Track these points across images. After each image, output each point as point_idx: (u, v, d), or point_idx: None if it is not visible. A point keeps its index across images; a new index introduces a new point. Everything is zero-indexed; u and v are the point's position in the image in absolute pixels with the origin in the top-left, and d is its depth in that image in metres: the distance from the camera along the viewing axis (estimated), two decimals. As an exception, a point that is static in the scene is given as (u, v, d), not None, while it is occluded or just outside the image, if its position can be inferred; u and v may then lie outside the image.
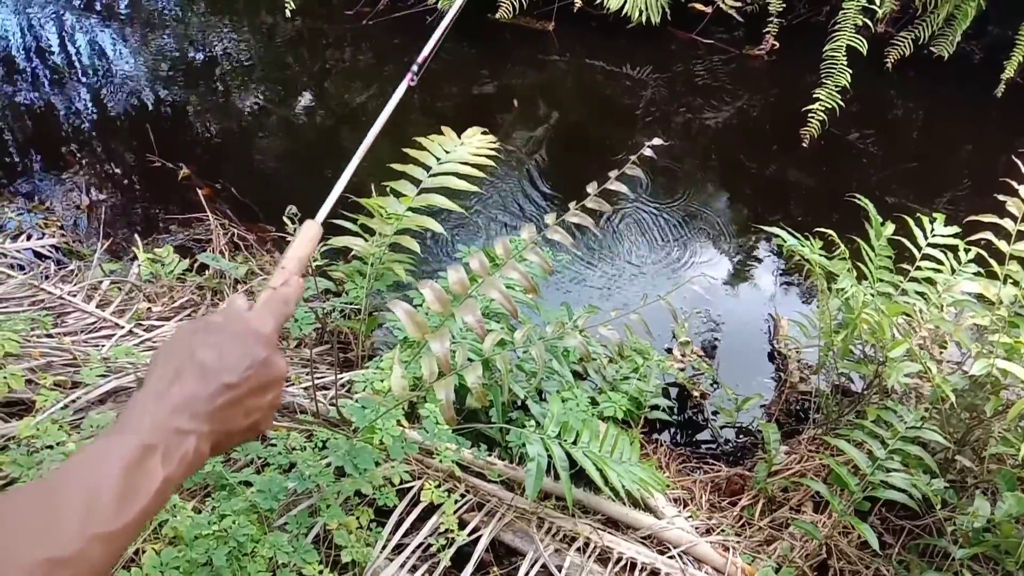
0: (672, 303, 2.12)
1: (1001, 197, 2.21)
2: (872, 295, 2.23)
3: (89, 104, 4.83)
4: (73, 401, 1.95)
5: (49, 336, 2.31)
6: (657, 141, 1.73)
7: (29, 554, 0.47)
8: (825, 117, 4.03)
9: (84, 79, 5.04)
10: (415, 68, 1.33)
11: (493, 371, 1.91)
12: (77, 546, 0.49)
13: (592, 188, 1.75)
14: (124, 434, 0.57)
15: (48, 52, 5.27)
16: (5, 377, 1.88)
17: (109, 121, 4.72)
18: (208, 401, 0.62)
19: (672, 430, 2.83)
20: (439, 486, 2.02)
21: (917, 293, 2.46)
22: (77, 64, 5.17)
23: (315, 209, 2.22)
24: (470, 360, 1.64)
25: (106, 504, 0.52)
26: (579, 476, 2.10)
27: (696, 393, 2.88)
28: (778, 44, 4.69)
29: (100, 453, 0.55)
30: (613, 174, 1.75)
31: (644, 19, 4.65)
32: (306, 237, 0.86)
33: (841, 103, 4.05)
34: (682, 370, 2.89)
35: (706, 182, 4.25)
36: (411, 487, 2.03)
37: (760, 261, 3.81)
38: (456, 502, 2.02)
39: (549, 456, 1.99)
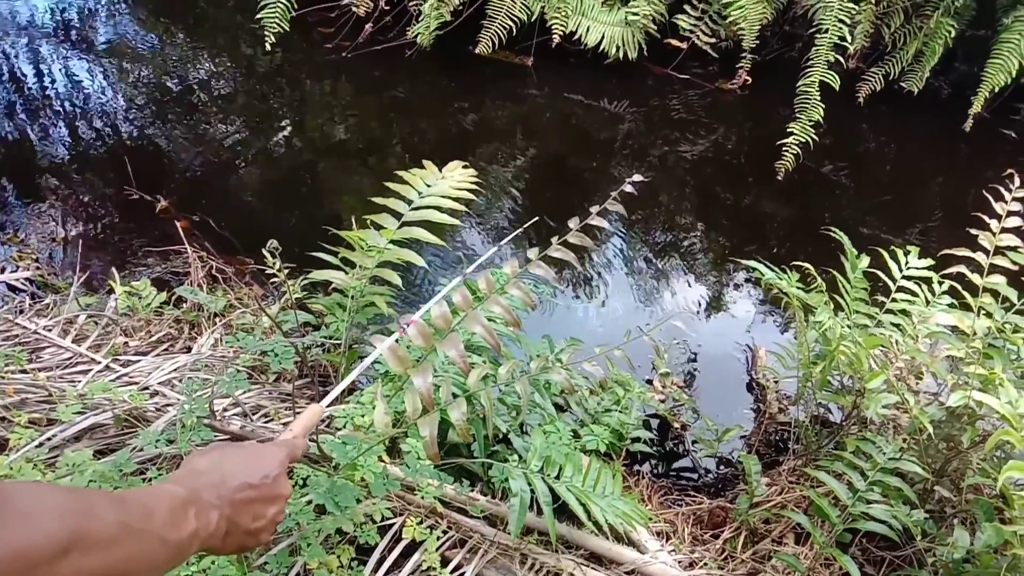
0: (653, 336, 2.13)
1: (973, 231, 2.25)
2: (849, 327, 2.26)
3: (65, 135, 4.80)
4: (49, 439, 1.91)
5: (24, 372, 2.27)
6: (638, 178, 1.75)
7: (112, 516, 0.58)
8: (799, 150, 4.11)
9: (60, 110, 5.01)
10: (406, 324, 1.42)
11: (476, 406, 1.90)
12: (138, 533, 0.60)
13: (574, 223, 1.76)
14: (174, 484, 0.72)
15: (23, 82, 5.24)
16: (-22, 415, 1.84)
17: (85, 152, 4.70)
18: (232, 491, 0.76)
19: (653, 462, 2.83)
20: (421, 522, 2.00)
21: (893, 324, 2.50)
22: (52, 95, 5.15)
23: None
24: (454, 396, 1.64)
25: (158, 519, 0.63)
26: (561, 510, 2.09)
27: (677, 424, 2.88)
28: (750, 79, 4.78)
29: (157, 491, 0.68)
30: (594, 210, 1.77)
31: (621, 55, 4.73)
32: (312, 414, 1.05)
33: (815, 137, 4.12)
34: (663, 401, 2.90)
35: (682, 214, 4.30)
36: (392, 524, 2.01)
37: (737, 292, 3.85)
38: (438, 538, 2.00)
39: (532, 491, 1.98)
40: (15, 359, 2.25)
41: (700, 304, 3.74)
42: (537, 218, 2.67)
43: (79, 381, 2.33)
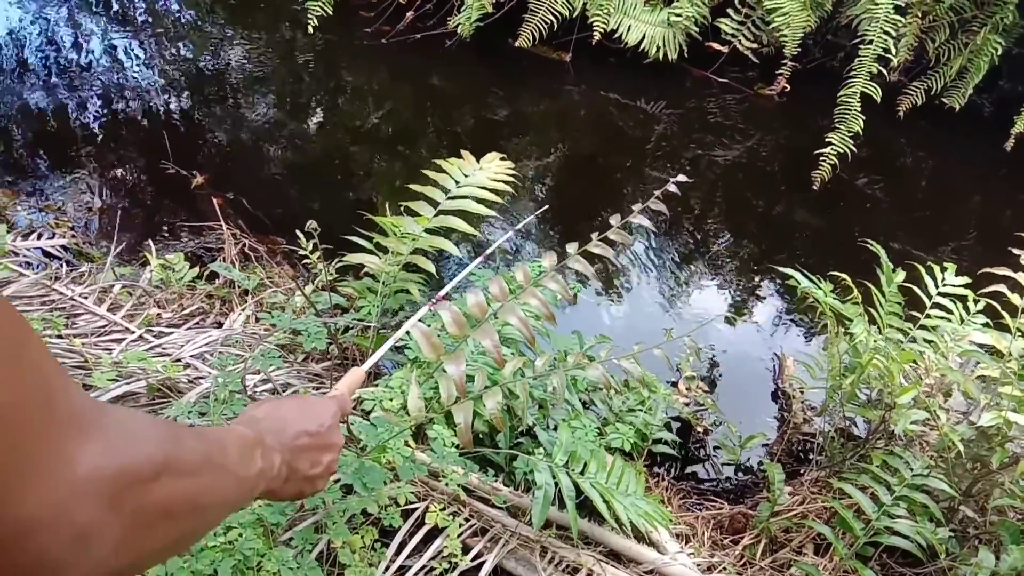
0: (692, 338, 2.13)
1: (1015, 251, 2.23)
2: (883, 341, 2.25)
3: (102, 107, 4.85)
4: (84, 404, 1.94)
5: (60, 337, 2.31)
6: (682, 178, 1.75)
7: (197, 446, 0.59)
8: (836, 161, 4.07)
9: (98, 82, 5.07)
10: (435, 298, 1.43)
11: (508, 397, 1.91)
12: (217, 466, 0.62)
13: (615, 220, 1.76)
14: (238, 426, 0.73)
15: (62, 53, 5.31)
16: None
17: (123, 126, 4.75)
18: (291, 437, 0.79)
19: (674, 464, 2.83)
20: (444, 509, 2.01)
21: (926, 341, 2.48)
22: (91, 67, 5.21)
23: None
24: (488, 385, 1.65)
25: (231, 455, 0.65)
26: (581, 506, 2.09)
27: (699, 428, 2.88)
28: (790, 86, 4.75)
29: (228, 430, 0.69)
30: (637, 207, 1.77)
31: (661, 55, 4.71)
32: (354, 375, 1.09)
33: (852, 148, 4.09)
34: (687, 405, 2.89)
35: (713, 218, 4.28)
36: (416, 508, 2.02)
37: (764, 299, 3.83)
38: (460, 526, 2.01)
39: (556, 485, 1.98)
40: (53, 324, 2.29)
41: (727, 309, 3.72)
42: (547, 207, 2.66)
43: (113, 349, 2.36)
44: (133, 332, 2.48)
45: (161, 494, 0.50)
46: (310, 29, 4.61)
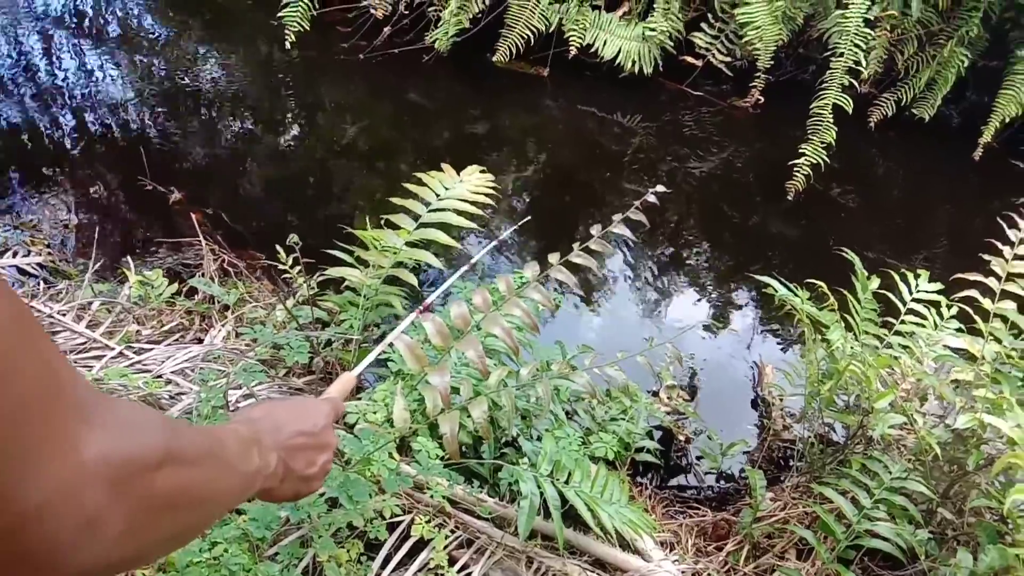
0: (662, 348, 2.15)
1: (986, 256, 2.28)
2: (860, 347, 2.28)
3: (77, 124, 4.82)
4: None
5: (39, 355, 2.28)
6: (660, 188, 1.78)
7: (198, 438, 0.60)
8: (810, 171, 4.14)
9: (72, 99, 5.04)
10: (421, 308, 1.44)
11: (493, 408, 1.91)
12: (217, 457, 0.63)
13: (596, 231, 1.79)
14: (238, 423, 0.75)
15: (35, 70, 5.27)
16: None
17: (98, 142, 4.72)
18: (286, 437, 0.80)
19: (657, 472, 2.85)
20: (429, 521, 2.01)
21: (901, 346, 2.52)
22: (64, 83, 5.17)
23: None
24: (474, 395, 1.66)
25: (231, 450, 0.66)
26: (566, 516, 2.10)
27: (681, 437, 2.90)
28: (763, 99, 4.82)
29: (225, 428, 0.71)
30: (617, 217, 1.79)
31: (636, 69, 4.77)
32: (345, 380, 1.09)
33: (826, 159, 4.16)
34: (668, 413, 2.92)
35: (689, 229, 4.33)
36: (401, 521, 2.02)
37: (741, 308, 3.87)
38: (446, 538, 2.02)
39: (542, 494, 1.99)
40: (31, 341, 2.26)
41: (705, 318, 3.76)
42: (529, 218, 2.68)
43: (93, 366, 2.35)
44: (113, 349, 2.46)
45: (164, 483, 0.51)
46: (287, 45, 4.62)
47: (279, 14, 4.66)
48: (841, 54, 4.16)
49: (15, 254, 3.47)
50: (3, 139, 4.66)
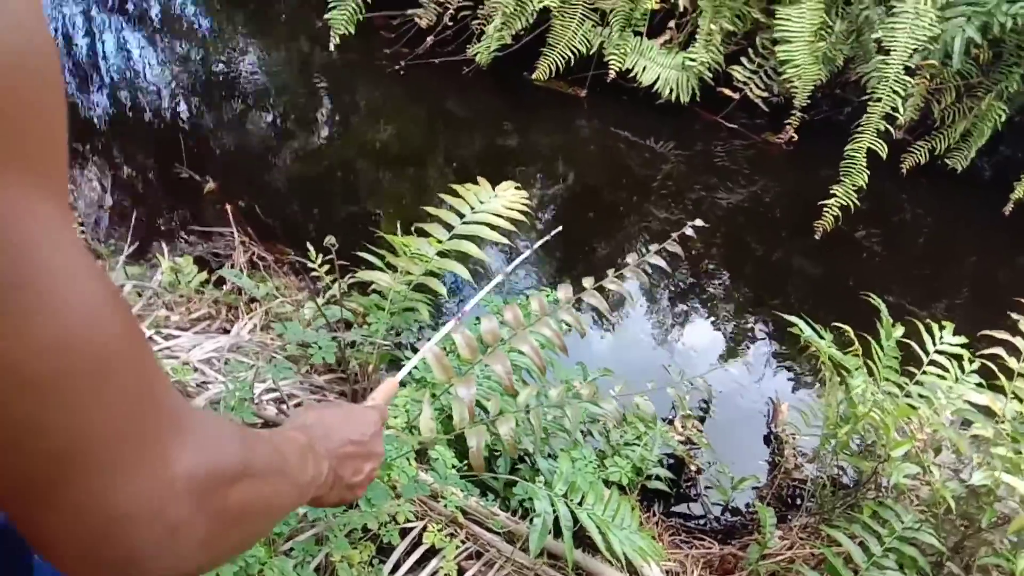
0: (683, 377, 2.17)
1: (1014, 316, 2.29)
2: (881, 395, 2.29)
3: (115, 106, 4.90)
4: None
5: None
6: (699, 222, 1.80)
7: (266, 452, 0.62)
8: (839, 213, 4.15)
9: (111, 78, 5.12)
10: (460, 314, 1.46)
11: (519, 426, 1.94)
12: (281, 471, 0.64)
13: (632, 260, 1.81)
14: (295, 430, 0.76)
15: (77, 49, 5.36)
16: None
17: (135, 124, 4.79)
18: (337, 444, 0.80)
19: (665, 500, 2.86)
20: (441, 530, 2.03)
21: (920, 396, 2.53)
22: (105, 63, 5.26)
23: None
24: (501, 412, 1.68)
25: (291, 462, 0.67)
26: (574, 536, 2.11)
27: (692, 467, 2.91)
28: (797, 136, 4.84)
29: (285, 436, 0.73)
30: (653, 248, 1.81)
31: (673, 97, 4.80)
32: (389, 386, 1.08)
33: (856, 202, 4.17)
34: (683, 443, 2.93)
35: (712, 257, 4.33)
36: (413, 527, 2.04)
37: (758, 341, 3.87)
38: (456, 548, 2.04)
39: (555, 514, 2.01)
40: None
41: (721, 350, 3.77)
42: (560, 228, 2.69)
43: (123, 348, 2.38)
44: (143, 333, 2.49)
45: (240, 496, 0.53)
46: (331, 47, 4.68)
47: (326, 16, 4.72)
48: (879, 99, 4.18)
49: (50, 230, 3.52)
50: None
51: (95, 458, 0.42)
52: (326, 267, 2.80)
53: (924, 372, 2.55)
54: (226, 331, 2.82)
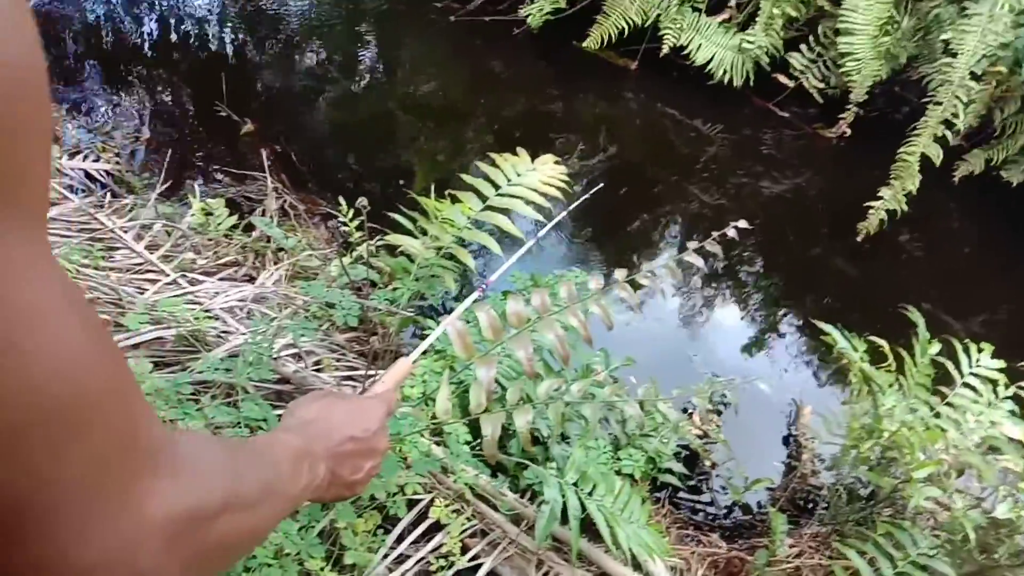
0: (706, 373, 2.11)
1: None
2: (910, 414, 2.23)
3: (159, 32, 4.86)
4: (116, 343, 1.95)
5: (97, 270, 2.32)
6: (743, 223, 1.73)
7: (255, 476, 0.59)
8: (885, 216, 4.03)
9: (159, 5, 5.08)
10: (485, 284, 1.40)
11: (537, 417, 1.90)
12: (273, 493, 0.61)
13: (668, 257, 1.75)
14: (287, 434, 0.73)
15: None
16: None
17: (177, 55, 4.76)
18: (337, 443, 0.78)
19: (675, 492, 2.82)
20: (448, 505, 2.01)
21: (949, 419, 2.45)
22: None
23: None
24: (521, 400, 1.64)
25: (284, 475, 0.65)
26: (580, 524, 2.09)
27: (707, 462, 2.87)
28: (850, 132, 4.69)
29: (279, 441, 0.70)
30: (692, 246, 1.75)
31: (727, 79, 4.66)
32: (402, 368, 1.04)
33: (905, 206, 4.04)
34: (700, 437, 2.88)
35: (747, 246, 4.23)
36: (420, 500, 2.03)
37: (785, 337, 3.80)
38: (462, 525, 2.02)
39: (564, 501, 1.98)
40: (93, 256, 2.30)
41: (747, 343, 3.70)
42: (601, 185, 2.55)
43: (147, 289, 2.38)
44: (168, 275, 2.48)
45: (221, 531, 0.50)
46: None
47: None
48: (940, 103, 4.02)
49: (85, 157, 3.52)
50: (87, 33, 4.70)
51: (60, 511, 0.39)
52: (356, 223, 2.77)
53: (956, 394, 2.47)
54: (251, 279, 2.80)
